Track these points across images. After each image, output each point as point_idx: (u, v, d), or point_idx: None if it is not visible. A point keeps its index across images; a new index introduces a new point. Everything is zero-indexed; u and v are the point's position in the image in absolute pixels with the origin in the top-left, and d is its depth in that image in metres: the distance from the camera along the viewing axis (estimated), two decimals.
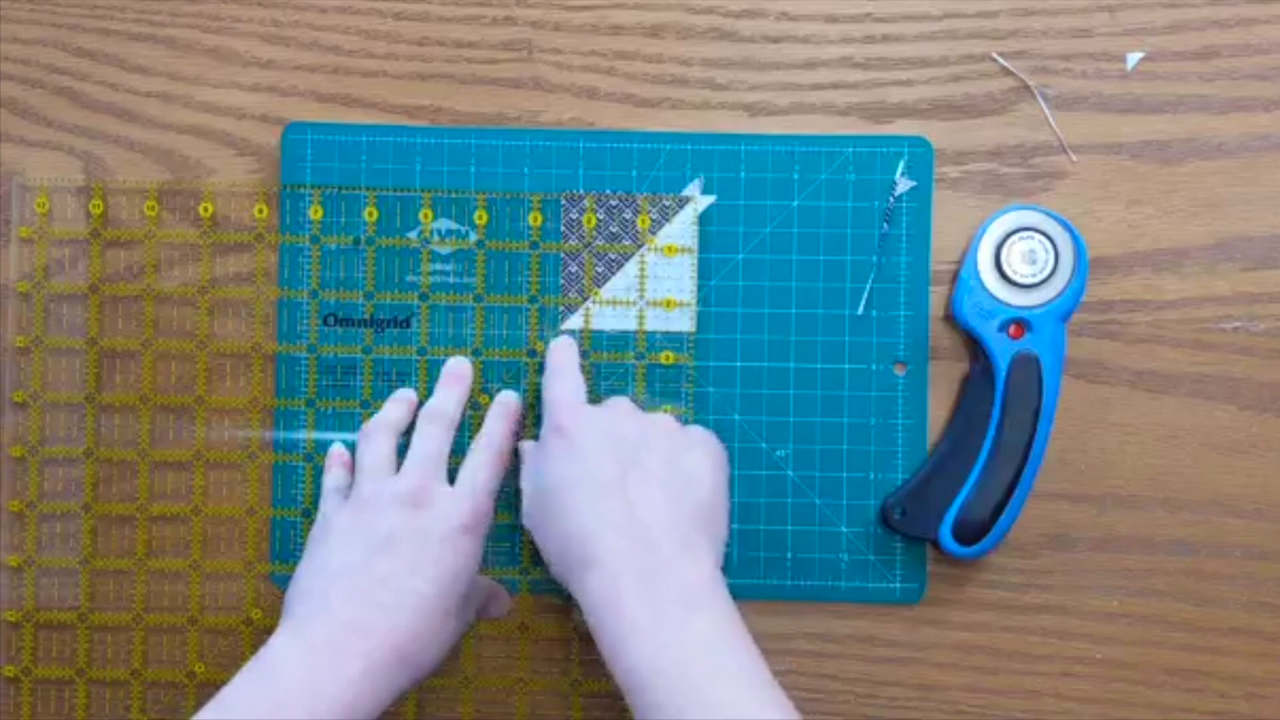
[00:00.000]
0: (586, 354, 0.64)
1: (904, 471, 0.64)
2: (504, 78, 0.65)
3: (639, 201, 0.64)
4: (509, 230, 0.64)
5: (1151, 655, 0.64)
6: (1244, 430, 0.64)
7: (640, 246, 0.64)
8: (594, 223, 0.64)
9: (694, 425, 0.60)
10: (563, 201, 0.64)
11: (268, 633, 0.55)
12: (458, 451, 0.62)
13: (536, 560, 0.59)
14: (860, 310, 0.64)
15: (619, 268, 0.64)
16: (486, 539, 0.59)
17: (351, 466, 0.62)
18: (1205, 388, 0.64)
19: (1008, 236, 0.62)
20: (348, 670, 0.53)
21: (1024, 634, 0.64)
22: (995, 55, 0.64)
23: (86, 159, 0.65)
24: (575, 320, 0.64)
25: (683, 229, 0.64)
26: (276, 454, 0.64)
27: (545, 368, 0.62)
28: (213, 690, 0.53)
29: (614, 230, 0.64)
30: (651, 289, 0.64)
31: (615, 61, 0.65)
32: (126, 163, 0.65)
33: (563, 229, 0.64)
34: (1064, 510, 0.64)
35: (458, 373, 0.63)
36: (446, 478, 0.60)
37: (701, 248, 0.64)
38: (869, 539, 0.64)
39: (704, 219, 0.64)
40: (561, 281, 0.64)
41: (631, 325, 0.64)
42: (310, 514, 0.64)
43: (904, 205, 0.64)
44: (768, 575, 0.64)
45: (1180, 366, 0.64)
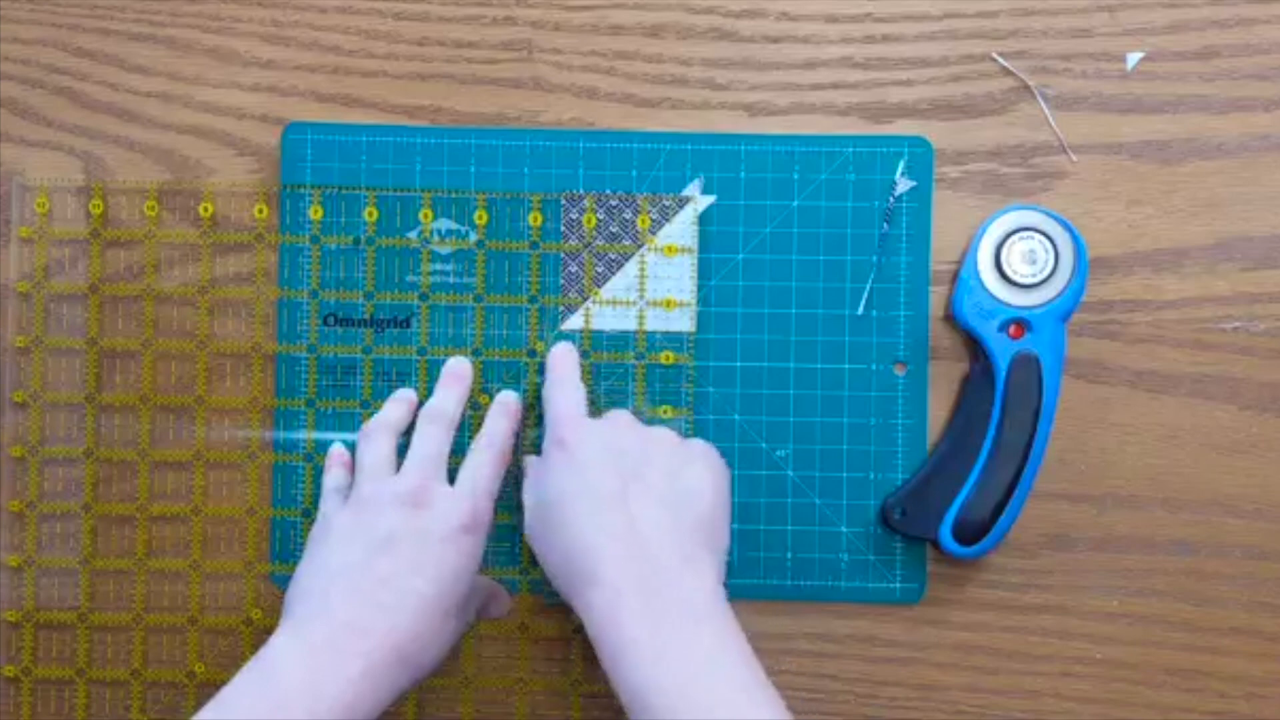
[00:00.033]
0: (587, 354, 0.64)
1: (904, 471, 0.64)
2: (504, 78, 0.65)
3: (639, 201, 0.64)
4: (509, 230, 0.64)
5: (1151, 655, 0.64)
6: (1244, 430, 0.64)
7: (640, 246, 0.64)
8: (594, 223, 0.64)
9: (695, 439, 0.60)
10: (563, 201, 0.64)
11: (268, 633, 0.55)
12: (458, 451, 0.62)
13: (536, 560, 0.59)
14: (860, 310, 0.64)
15: (619, 268, 0.64)
16: (486, 539, 0.59)
17: (351, 466, 0.62)
18: (1205, 388, 0.64)
19: (1008, 236, 0.62)
20: (348, 670, 0.53)
21: (1024, 634, 0.64)
22: (995, 55, 0.64)
23: (86, 159, 0.65)
24: (575, 320, 0.64)
25: (683, 229, 0.64)
26: (276, 454, 0.64)
27: (546, 375, 0.62)
28: (213, 690, 0.53)
29: (614, 230, 0.64)
30: (651, 289, 0.64)
31: (615, 61, 0.65)
32: (126, 163, 0.65)
33: (563, 229, 0.64)
34: (1064, 510, 0.64)
35: (458, 373, 0.63)
36: (446, 478, 0.60)
37: (701, 248, 0.64)
38: (869, 539, 0.64)
39: (704, 219, 0.64)
40: (561, 281, 0.64)
41: (631, 325, 0.64)
42: (310, 514, 0.64)
43: (904, 205, 0.64)
44: (768, 575, 0.64)
45: (1180, 366, 0.64)
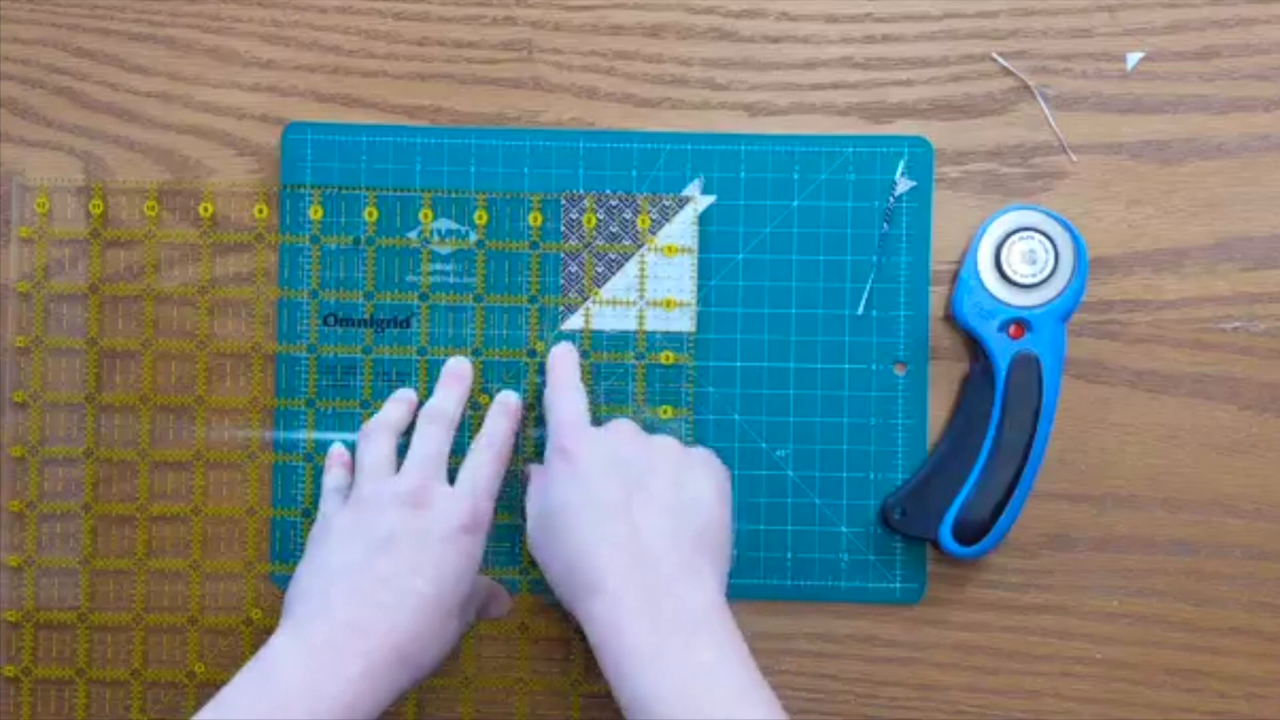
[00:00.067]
0: (587, 354, 0.64)
1: (904, 471, 0.64)
2: (504, 78, 0.65)
3: (639, 201, 0.64)
4: (509, 230, 0.64)
5: (1151, 655, 0.64)
6: (1244, 430, 0.64)
7: (640, 246, 0.64)
8: (594, 223, 0.64)
9: (697, 447, 0.60)
10: (563, 201, 0.64)
11: (268, 633, 0.55)
12: (458, 451, 0.62)
13: (534, 560, 0.59)
14: (860, 310, 0.64)
15: (619, 268, 0.64)
16: (486, 539, 0.59)
17: (351, 466, 0.62)
18: (1205, 388, 0.64)
19: (1008, 236, 0.62)
20: (348, 670, 0.53)
21: (1024, 634, 0.64)
22: (995, 55, 0.64)
23: (86, 159, 0.65)
24: (575, 320, 0.64)
25: (683, 229, 0.64)
26: (276, 454, 0.64)
27: (546, 378, 0.62)
28: (213, 690, 0.53)
29: (614, 230, 0.64)
30: (651, 289, 0.64)
31: (615, 61, 0.65)
32: (126, 163, 0.65)
33: (563, 229, 0.64)
34: (1064, 510, 0.64)
35: (458, 373, 0.63)
36: (446, 478, 0.60)
37: (701, 248, 0.64)
38: (869, 539, 0.64)
39: (704, 219, 0.64)
40: (561, 281, 0.64)
41: (631, 325, 0.64)
42: (310, 514, 0.64)
43: (904, 205, 0.64)
44: (768, 575, 0.64)
45: (1180, 366, 0.64)
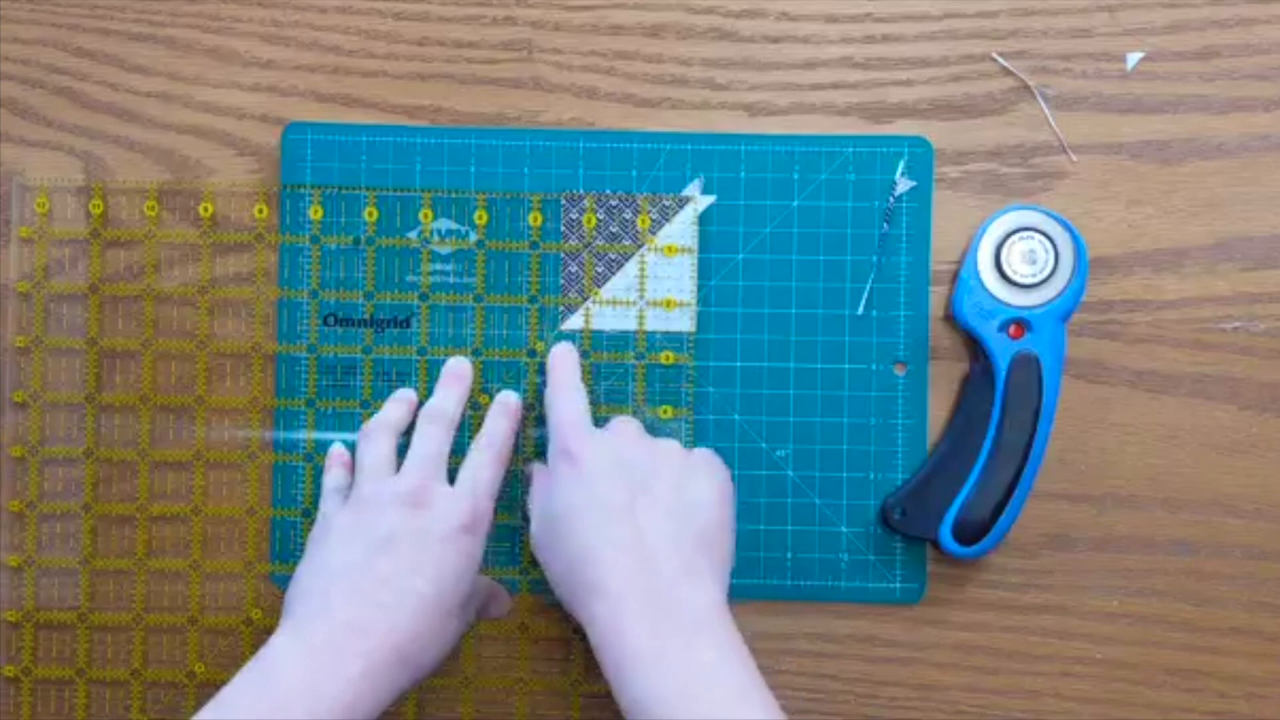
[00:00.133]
0: (587, 354, 0.64)
1: (904, 471, 0.64)
2: (504, 78, 0.65)
3: (639, 201, 0.64)
4: (509, 230, 0.64)
5: (1151, 655, 0.64)
6: (1244, 430, 0.64)
7: (640, 246, 0.64)
8: (594, 223, 0.64)
9: (699, 449, 0.60)
10: (563, 201, 0.64)
11: (268, 633, 0.55)
12: (458, 451, 0.62)
13: (537, 560, 0.59)
14: (860, 310, 0.64)
15: (619, 268, 0.64)
16: (486, 539, 0.59)
17: (351, 466, 0.62)
18: (1205, 388, 0.64)
19: (1008, 236, 0.62)
20: (348, 670, 0.53)
21: (1024, 634, 0.64)
22: (995, 55, 0.64)
23: (86, 159, 0.65)
24: (575, 320, 0.64)
25: (683, 229, 0.64)
26: (276, 454, 0.64)
27: (547, 378, 0.62)
28: (213, 690, 0.53)
29: (614, 230, 0.64)
30: (651, 289, 0.64)
31: (615, 61, 0.65)
32: (126, 163, 0.65)
33: (563, 229, 0.64)
34: (1064, 510, 0.64)
35: (458, 373, 0.63)
36: (446, 478, 0.60)
37: (701, 248, 0.64)
38: (869, 539, 0.64)
39: (704, 219, 0.64)
40: (561, 281, 0.64)
41: (631, 325, 0.64)
42: (310, 514, 0.64)
43: (904, 205, 0.64)
44: (768, 575, 0.64)
45: (1180, 366, 0.64)
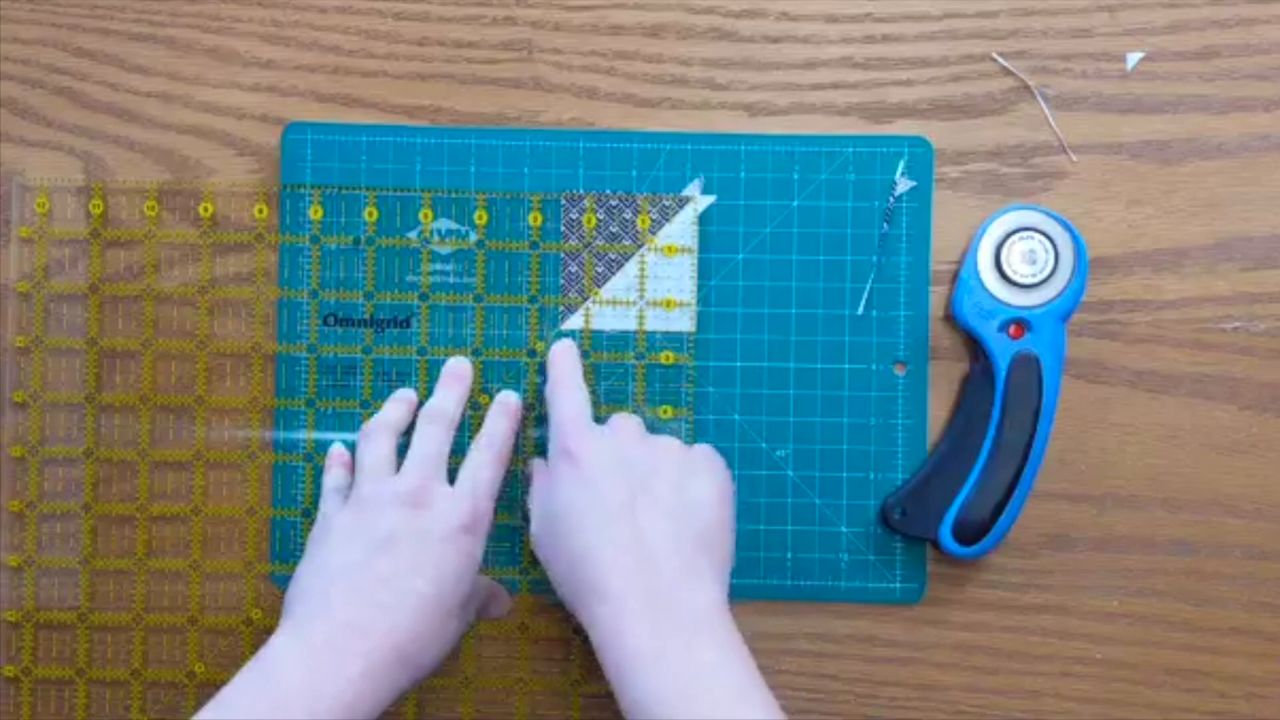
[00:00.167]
0: (587, 354, 0.64)
1: (904, 471, 0.64)
2: (504, 78, 0.65)
3: (639, 201, 0.64)
4: (509, 230, 0.64)
5: (1151, 655, 0.64)
6: (1244, 430, 0.64)
7: (640, 246, 0.64)
8: (594, 223, 0.64)
9: (699, 445, 0.60)
10: (563, 201, 0.64)
11: (268, 633, 0.55)
12: (458, 451, 0.62)
13: (536, 560, 0.59)
14: (860, 310, 0.64)
15: (619, 268, 0.64)
16: (486, 539, 0.59)
17: (351, 466, 0.62)
18: (1205, 388, 0.64)
19: (1008, 236, 0.62)
20: (348, 670, 0.53)
21: (1024, 634, 0.64)
22: (995, 55, 0.64)
23: (86, 159, 0.65)
24: (575, 320, 0.64)
25: (683, 229, 0.64)
26: (276, 454, 0.64)
27: (547, 376, 0.62)
28: (213, 690, 0.53)
29: (614, 230, 0.64)
30: (651, 289, 0.64)
31: (615, 61, 0.65)
32: (126, 163, 0.65)
33: (563, 229, 0.64)
34: (1064, 510, 0.64)
35: (458, 373, 0.63)
36: (446, 478, 0.60)
37: (701, 248, 0.64)
38: (869, 539, 0.64)
39: (704, 219, 0.64)
40: (561, 281, 0.64)
41: (631, 325, 0.64)
42: (310, 514, 0.64)
43: (904, 205, 0.64)
44: (768, 575, 0.64)
45: (1180, 366, 0.64)
